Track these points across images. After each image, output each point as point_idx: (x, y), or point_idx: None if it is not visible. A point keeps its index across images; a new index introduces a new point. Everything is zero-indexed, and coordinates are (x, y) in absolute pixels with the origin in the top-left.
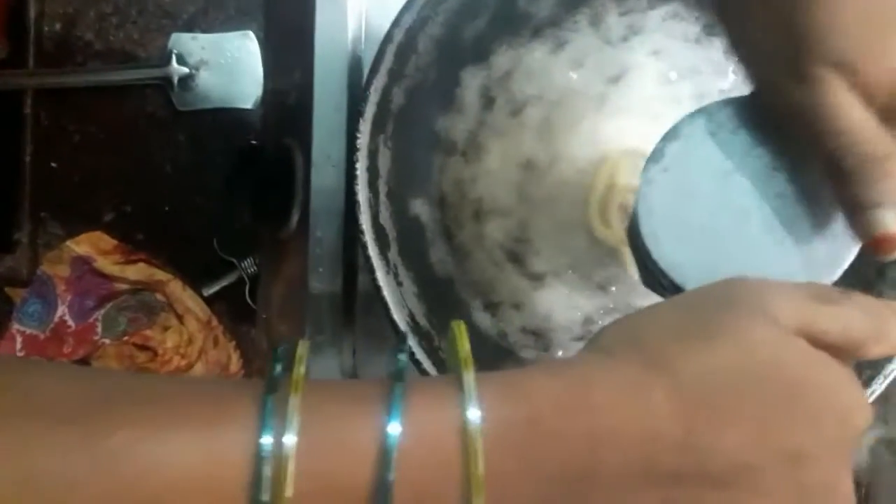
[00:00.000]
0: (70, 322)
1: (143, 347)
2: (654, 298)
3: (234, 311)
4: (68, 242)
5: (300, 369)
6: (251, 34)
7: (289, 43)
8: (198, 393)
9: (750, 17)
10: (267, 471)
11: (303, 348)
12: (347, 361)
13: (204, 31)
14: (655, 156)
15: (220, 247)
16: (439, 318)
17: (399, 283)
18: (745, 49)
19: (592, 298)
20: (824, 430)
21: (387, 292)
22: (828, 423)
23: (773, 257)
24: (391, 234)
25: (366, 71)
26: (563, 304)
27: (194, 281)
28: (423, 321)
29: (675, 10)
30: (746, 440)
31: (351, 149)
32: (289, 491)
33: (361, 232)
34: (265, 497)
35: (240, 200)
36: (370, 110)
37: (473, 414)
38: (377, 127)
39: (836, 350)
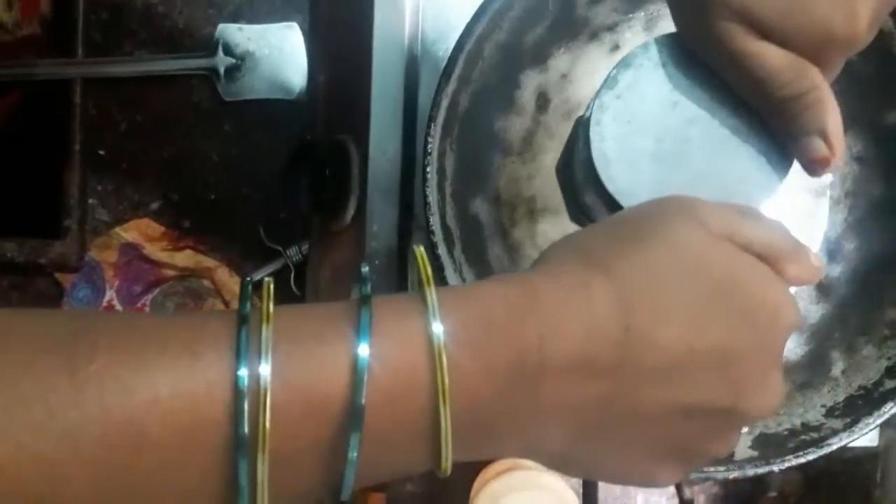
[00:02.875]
0: (119, 307)
1: None
2: None
3: (279, 297)
4: (116, 229)
5: (269, 303)
6: (296, 26)
7: (337, 37)
8: (175, 324)
9: None
10: (245, 402)
11: (269, 283)
12: None
13: (249, 22)
14: (609, 83)
15: (267, 235)
16: None
17: (463, 281)
18: None
19: None
20: (754, 327)
21: None
22: (758, 319)
23: (712, 183)
24: (455, 233)
25: (422, 70)
26: None
27: (240, 268)
28: None
29: None
30: (681, 336)
31: (409, 146)
32: (268, 423)
33: (432, 232)
34: (245, 428)
35: (296, 192)
36: (441, 115)
37: (438, 328)
38: (446, 131)
39: (763, 261)
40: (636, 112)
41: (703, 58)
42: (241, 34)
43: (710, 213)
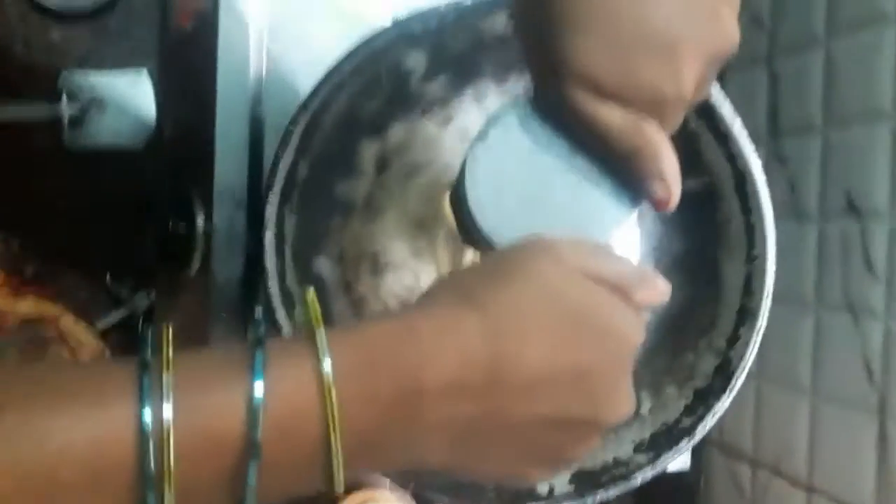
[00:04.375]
0: None
1: None
2: None
3: (128, 342)
4: None
5: (168, 349)
6: (145, 73)
7: (185, 87)
8: (80, 375)
9: (526, 35)
10: (151, 444)
11: (167, 331)
12: None
13: (96, 68)
14: (481, 136)
15: (114, 282)
16: None
17: None
18: (524, 60)
19: None
20: (606, 347)
21: None
22: (609, 341)
23: (570, 222)
24: (297, 294)
25: (267, 131)
26: None
27: (86, 314)
28: None
29: None
30: (542, 357)
31: (254, 203)
32: (172, 460)
33: (270, 298)
34: (152, 466)
35: (141, 243)
36: (278, 185)
37: (327, 366)
38: (284, 197)
39: (613, 290)
40: (504, 161)
41: (556, 118)
42: (86, 81)
43: (566, 251)
